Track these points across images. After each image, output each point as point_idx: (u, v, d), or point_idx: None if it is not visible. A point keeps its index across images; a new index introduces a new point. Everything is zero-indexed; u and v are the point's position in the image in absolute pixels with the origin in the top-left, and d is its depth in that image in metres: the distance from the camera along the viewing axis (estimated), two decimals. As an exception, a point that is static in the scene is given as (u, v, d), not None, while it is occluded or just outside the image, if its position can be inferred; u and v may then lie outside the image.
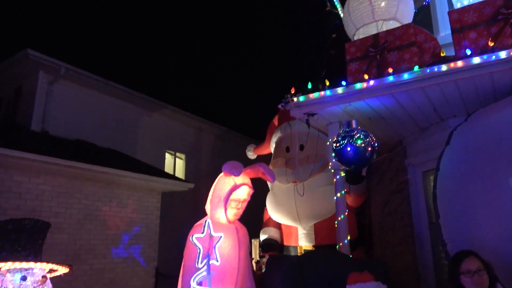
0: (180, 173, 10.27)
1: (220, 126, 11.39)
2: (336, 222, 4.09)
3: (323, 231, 5.41)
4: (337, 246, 3.92)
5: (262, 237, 5.80)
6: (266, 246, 5.57)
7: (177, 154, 10.37)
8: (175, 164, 10.26)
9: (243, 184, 2.74)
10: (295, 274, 2.79)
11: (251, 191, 2.81)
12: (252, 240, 6.27)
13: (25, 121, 7.51)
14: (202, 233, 1.97)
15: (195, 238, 1.95)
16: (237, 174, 2.61)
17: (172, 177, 8.23)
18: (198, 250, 1.92)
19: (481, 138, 3.51)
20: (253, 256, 5.82)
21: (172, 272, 5.12)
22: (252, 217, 5.58)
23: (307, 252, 3.42)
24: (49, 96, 7.63)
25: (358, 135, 3.65)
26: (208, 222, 2.01)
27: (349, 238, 4.00)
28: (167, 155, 10.10)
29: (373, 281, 2.61)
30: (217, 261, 1.99)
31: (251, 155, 6.84)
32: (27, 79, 7.85)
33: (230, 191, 2.68)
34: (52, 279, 2.09)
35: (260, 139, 6.92)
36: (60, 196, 5.92)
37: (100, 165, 6.16)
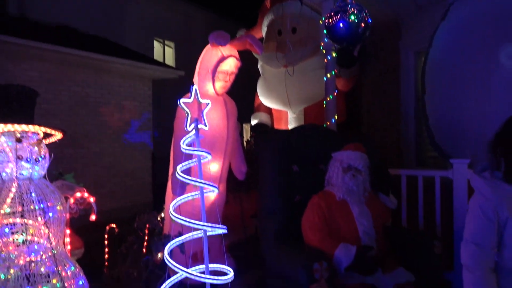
0: (170, 61, 10.04)
1: (210, 12, 10.78)
2: (324, 102, 4.16)
3: (312, 115, 5.51)
4: (324, 125, 4.05)
5: (253, 121, 5.93)
6: (257, 128, 5.71)
7: (166, 42, 10.00)
8: (164, 53, 9.96)
9: (230, 55, 2.69)
10: (285, 148, 2.91)
11: (239, 64, 2.78)
12: (244, 125, 6.45)
13: (-1, 4, 7.02)
14: (190, 98, 1.99)
15: (183, 102, 1.98)
16: (224, 44, 2.54)
17: (162, 64, 8.06)
18: (187, 115, 1.96)
19: (477, 12, 3.38)
20: (245, 138, 6.09)
21: (167, 155, 5.38)
22: (244, 102, 5.65)
23: (296, 127, 3.52)
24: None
25: (352, 10, 3.48)
26: (195, 89, 2.02)
27: (336, 117, 4.10)
28: (156, 43, 9.75)
29: (363, 153, 2.73)
30: (205, 125, 2.05)
31: (242, 40, 6.60)
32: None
33: (217, 62, 2.64)
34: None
35: (252, 26, 6.61)
36: (49, 83, 5.84)
37: (87, 50, 5.95)
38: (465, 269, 1.72)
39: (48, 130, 2.05)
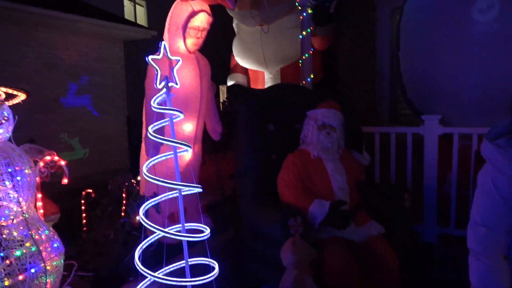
0: (141, 21, 9.60)
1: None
2: (300, 60, 4.11)
3: (289, 75, 5.46)
4: (300, 84, 4.03)
5: (229, 83, 5.85)
6: (233, 89, 5.65)
7: (137, 0, 9.53)
8: (135, 12, 9.51)
9: (201, 10, 2.58)
10: (260, 107, 2.88)
11: (211, 19, 2.68)
12: (220, 87, 6.35)
13: None
14: (158, 55, 1.92)
15: (151, 59, 1.90)
16: (193, -4, 2.43)
17: (133, 24, 7.71)
18: (156, 72, 1.90)
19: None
20: (221, 99, 6.00)
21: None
22: (219, 63, 5.52)
23: (271, 86, 3.49)
24: None
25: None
26: (164, 44, 1.94)
27: (312, 76, 4.08)
28: (126, 3, 9.26)
29: (337, 111, 2.74)
30: (177, 83, 1.99)
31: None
32: None
33: (187, 18, 2.53)
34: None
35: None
36: (12, 44, 5.52)
37: (52, 9, 5.59)
38: (472, 255, 1.44)
39: (10, 91, 1.95)
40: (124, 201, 2.74)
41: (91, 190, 2.90)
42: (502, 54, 2.97)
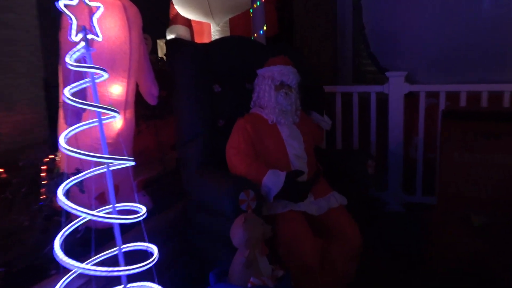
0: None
1: None
2: (251, 10, 4.02)
3: (239, 27, 5.35)
4: (252, 38, 3.95)
5: (169, 36, 5.61)
6: (172, 44, 5.44)
7: None
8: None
9: None
10: (203, 64, 2.80)
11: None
12: (158, 41, 6.09)
13: None
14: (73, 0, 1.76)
15: (64, 5, 1.75)
16: None
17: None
18: (70, 21, 1.75)
19: None
20: (159, 55, 5.76)
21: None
22: (155, 14, 5.25)
23: (215, 39, 3.39)
24: None
25: None
26: (79, -14, 1.79)
27: (265, 28, 4.01)
28: None
29: (290, 66, 2.72)
30: (98, 36, 1.86)
31: None
32: None
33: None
34: None
35: None
36: None
37: None
38: None
39: None
40: (45, 182, 2.59)
41: (1, 170, 2.72)
42: (470, 8, 3.06)
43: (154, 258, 2.00)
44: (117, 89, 2.46)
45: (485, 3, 2.98)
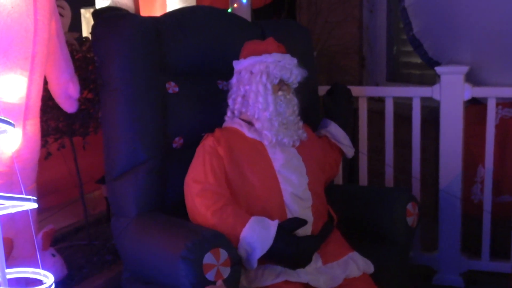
0: None
1: None
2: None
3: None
4: (230, 10, 3.99)
5: (101, 3, 5.64)
6: (103, 16, 5.45)
7: None
8: None
9: None
10: (151, 48, 2.78)
11: None
12: (82, 12, 6.06)
13: None
14: None
15: None
16: None
17: None
18: None
19: None
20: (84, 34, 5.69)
21: None
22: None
23: (171, 11, 3.39)
24: None
25: None
26: None
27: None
28: None
29: (289, 55, 2.71)
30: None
31: None
32: None
33: None
34: None
35: None
36: None
37: None
38: None
39: None
40: None
41: None
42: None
43: None
44: (12, 87, 2.42)
45: None
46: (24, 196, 1.87)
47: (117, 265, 2.91)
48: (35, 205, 1.88)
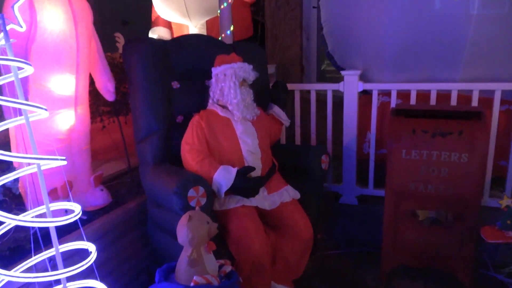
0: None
1: None
2: (219, 11, 3.66)
3: (216, 28, 5.00)
4: (220, 38, 3.60)
5: (152, 36, 5.25)
6: (130, 39, 5.07)
7: None
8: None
9: None
10: (161, 60, 2.45)
11: None
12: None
13: None
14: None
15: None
16: None
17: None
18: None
19: None
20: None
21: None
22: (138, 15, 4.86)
23: (176, 37, 3.04)
24: None
25: None
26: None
27: (232, 29, 3.65)
28: None
29: (247, 63, 2.43)
30: (21, 26, 1.50)
31: None
32: None
33: None
34: None
35: None
36: None
37: None
38: None
39: None
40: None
41: None
42: (423, 9, 2.75)
43: (91, 258, 1.68)
44: (65, 84, 2.10)
45: (437, 3, 2.65)
46: (55, 157, 1.56)
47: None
48: (64, 163, 1.57)
